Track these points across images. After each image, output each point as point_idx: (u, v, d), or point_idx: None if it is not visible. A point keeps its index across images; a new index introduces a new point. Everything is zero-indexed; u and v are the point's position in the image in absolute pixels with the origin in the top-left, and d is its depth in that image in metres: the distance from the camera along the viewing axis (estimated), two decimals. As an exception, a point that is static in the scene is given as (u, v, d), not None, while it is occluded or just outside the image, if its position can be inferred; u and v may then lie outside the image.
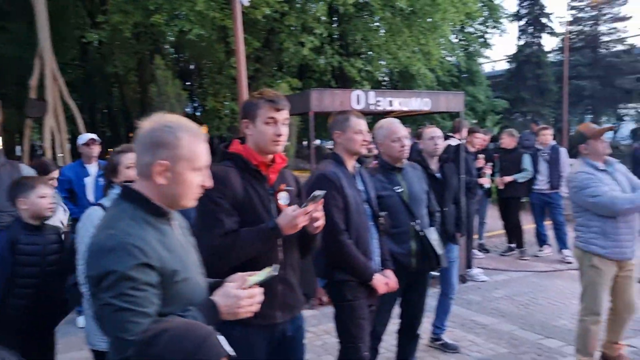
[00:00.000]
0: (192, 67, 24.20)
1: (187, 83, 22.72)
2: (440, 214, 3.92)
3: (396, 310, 3.73)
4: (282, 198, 2.33)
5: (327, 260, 2.90)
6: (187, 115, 20.41)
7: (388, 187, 3.39)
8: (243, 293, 1.63)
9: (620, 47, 31.31)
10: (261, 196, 2.27)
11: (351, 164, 2.99)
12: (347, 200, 2.83)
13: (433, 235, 3.44)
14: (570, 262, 7.23)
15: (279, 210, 2.29)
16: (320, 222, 2.24)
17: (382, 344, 3.82)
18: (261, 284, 1.71)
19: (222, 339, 1.27)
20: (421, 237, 3.38)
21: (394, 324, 3.80)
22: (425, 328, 4.57)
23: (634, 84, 30.19)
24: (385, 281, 2.97)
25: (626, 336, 4.37)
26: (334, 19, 15.27)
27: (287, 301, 2.33)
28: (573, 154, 4.09)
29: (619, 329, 4.07)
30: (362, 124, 2.99)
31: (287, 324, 2.35)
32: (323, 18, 14.00)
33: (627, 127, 35.60)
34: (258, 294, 1.68)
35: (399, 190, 3.40)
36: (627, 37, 31.62)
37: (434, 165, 4.42)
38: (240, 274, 1.75)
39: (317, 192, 2.16)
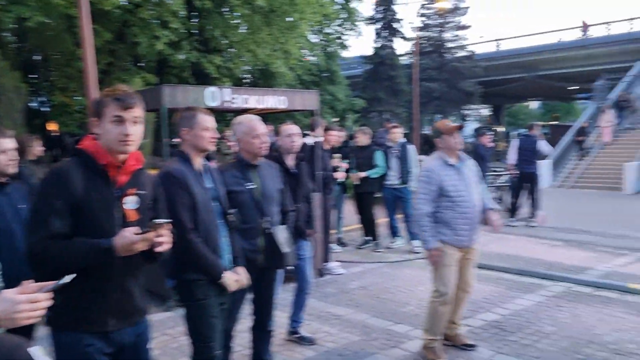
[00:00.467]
0: (38, 58, 22.22)
1: (32, 75, 20.82)
2: (293, 211, 3.99)
3: (249, 307, 3.74)
4: (130, 203, 2.21)
5: (176, 260, 2.82)
6: (31, 111, 18.78)
7: (241, 182, 3.39)
8: (21, 298, 1.52)
9: (462, 53, 34.26)
10: (105, 199, 2.15)
11: (198, 161, 2.93)
12: (194, 198, 2.78)
13: (281, 234, 3.49)
14: (418, 252, 7.76)
15: (125, 216, 2.18)
16: (165, 247, 2.17)
17: (238, 341, 3.82)
18: (60, 289, 1.60)
19: (34, 350, 1.18)
20: (268, 234, 3.42)
21: (249, 321, 3.81)
22: (282, 322, 4.66)
23: (474, 87, 33.23)
24: (236, 278, 2.96)
25: (464, 316, 4.79)
26: (192, 13, 14.87)
27: (123, 309, 2.23)
28: (426, 149, 4.50)
29: (457, 309, 4.44)
30: (210, 120, 2.96)
31: (125, 332, 2.26)
32: (182, 13, 13.61)
33: (470, 126, 39.05)
34: (43, 299, 1.55)
35: (251, 187, 3.42)
36: (467, 45, 34.74)
37: (290, 161, 4.50)
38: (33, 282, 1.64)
39: (159, 220, 2.10)
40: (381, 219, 8.73)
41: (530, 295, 5.86)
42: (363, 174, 8.10)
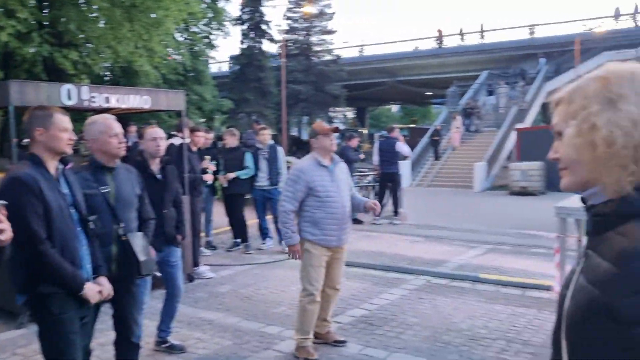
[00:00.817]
0: None
1: None
2: (160, 217, 3.83)
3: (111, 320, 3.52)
4: None
5: (27, 273, 2.56)
6: None
7: (93, 185, 3.16)
8: None
9: (328, 57, 35.33)
10: None
11: (53, 164, 2.69)
12: (48, 206, 2.54)
13: (137, 241, 3.29)
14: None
15: None
16: (6, 235, 1.93)
17: (103, 355, 3.59)
18: None
19: None
20: (123, 241, 3.23)
21: (112, 335, 3.59)
22: (151, 332, 4.46)
23: (340, 90, 34.40)
24: (98, 289, 2.76)
25: (334, 313, 4.91)
26: (43, 3, 13.70)
27: None
28: (294, 151, 4.56)
29: (326, 306, 4.54)
30: (67, 120, 2.74)
31: None
32: (31, 2, 12.50)
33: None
34: None
35: (105, 190, 3.20)
36: (334, 49, 35.93)
37: (155, 166, 4.32)
38: None
39: None
40: (251, 220, 8.69)
41: (395, 289, 6.18)
42: (232, 175, 8.02)
